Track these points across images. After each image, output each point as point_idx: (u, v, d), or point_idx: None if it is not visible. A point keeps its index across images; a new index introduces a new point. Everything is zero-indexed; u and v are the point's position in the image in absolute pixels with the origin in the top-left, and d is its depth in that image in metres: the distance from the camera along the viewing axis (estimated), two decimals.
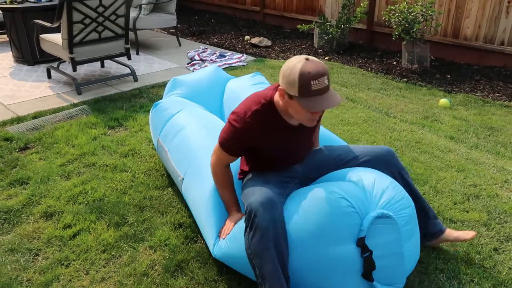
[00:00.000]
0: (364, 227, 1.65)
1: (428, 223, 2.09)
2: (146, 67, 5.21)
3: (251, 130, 1.82)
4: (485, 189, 2.80)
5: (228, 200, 2.01)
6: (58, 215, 2.44)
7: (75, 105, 4.00)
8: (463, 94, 5.05)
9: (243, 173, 2.10)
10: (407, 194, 1.86)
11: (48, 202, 2.54)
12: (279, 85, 1.75)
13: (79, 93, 4.28)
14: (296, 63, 1.64)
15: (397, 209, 1.76)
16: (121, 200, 2.56)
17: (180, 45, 6.30)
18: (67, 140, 3.29)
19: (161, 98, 4.22)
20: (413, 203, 1.88)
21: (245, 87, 2.96)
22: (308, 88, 1.62)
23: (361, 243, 1.64)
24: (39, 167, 2.92)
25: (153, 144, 3.25)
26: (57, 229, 2.33)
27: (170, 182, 2.74)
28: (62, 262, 2.10)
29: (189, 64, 5.29)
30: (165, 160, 2.59)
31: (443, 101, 4.71)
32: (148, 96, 4.29)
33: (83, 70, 5.01)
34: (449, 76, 5.62)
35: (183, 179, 2.32)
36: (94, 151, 3.12)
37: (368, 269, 1.66)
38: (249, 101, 1.86)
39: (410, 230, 1.82)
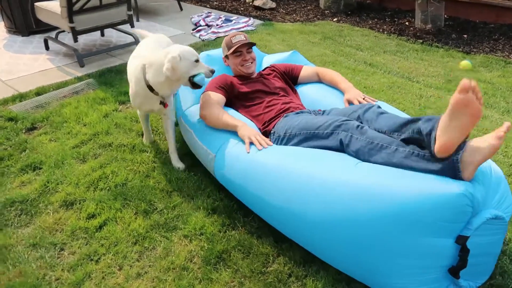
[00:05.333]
0: (472, 226, 1.48)
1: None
2: None
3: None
4: None
5: (231, 120, 2.17)
6: (80, 204, 2.24)
7: (79, 78, 3.72)
8: (483, 55, 4.83)
9: (268, 126, 2.25)
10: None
11: (67, 189, 2.34)
12: None
13: (82, 65, 3.99)
14: None
15: (505, 206, 1.60)
16: (145, 184, 2.36)
17: (181, 9, 5.93)
18: (77, 118, 3.05)
19: None
20: None
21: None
22: (230, 43, 2.53)
23: (462, 242, 1.48)
24: (51, 149, 2.69)
25: None
26: (80, 219, 2.14)
27: (196, 162, 2.53)
28: (92, 257, 1.93)
29: (195, 30, 4.97)
30: (190, 139, 2.39)
31: (464, 63, 4.49)
32: None
33: (82, 40, 4.68)
34: (465, 36, 5.37)
35: (215, 156, 2.14)
36: (108, 129, 2.89)
37: (459, 267, 1.50)
38: None
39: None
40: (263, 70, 2.68)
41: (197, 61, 2.21)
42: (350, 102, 2.33)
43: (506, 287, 1.75)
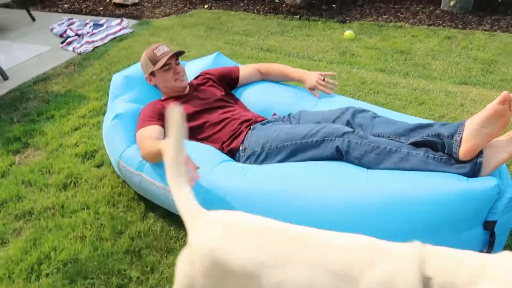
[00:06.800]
0: (498, 210, 1.46)
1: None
2: (8, 57, 4.02)
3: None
4: (453, 117, 2.85)
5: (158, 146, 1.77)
6: None
7: None
8: (357, 22, 5.11)
9: (231, 144, 1.98)
10: None
11: None
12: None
13: None
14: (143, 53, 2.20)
15: (508, 180, 1.61)
16: (103, 252, 1.92)
17: (33, 19, 5.04)
18: None
19: (56, 96, 3.32)
20: None
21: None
22: (154, 56, 2.13)
23: (491, 227, 1.47)
24: None
25: (94, 159, 2.53)
26: None
27: (150, 205, 2.15)
28: None
29: (64, 44, 4.25)
30: (141, 184, 2.00)
31: (348, 33, 4.69)
32: (37, 96, 3.33)
33: None
34: (334, 5, 5.63)
35: None
36: (18, 193, 2.28)
37: (488, 252, 1.50)
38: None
39: None
40: (195, 79, 2.37)
41: None
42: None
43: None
